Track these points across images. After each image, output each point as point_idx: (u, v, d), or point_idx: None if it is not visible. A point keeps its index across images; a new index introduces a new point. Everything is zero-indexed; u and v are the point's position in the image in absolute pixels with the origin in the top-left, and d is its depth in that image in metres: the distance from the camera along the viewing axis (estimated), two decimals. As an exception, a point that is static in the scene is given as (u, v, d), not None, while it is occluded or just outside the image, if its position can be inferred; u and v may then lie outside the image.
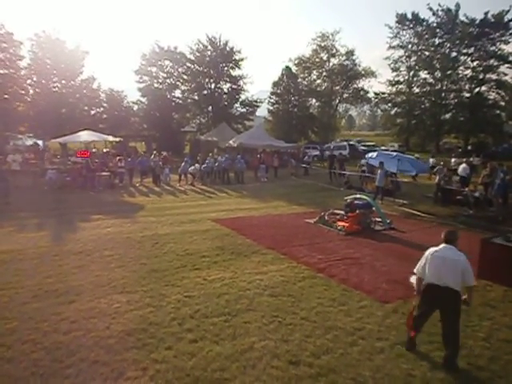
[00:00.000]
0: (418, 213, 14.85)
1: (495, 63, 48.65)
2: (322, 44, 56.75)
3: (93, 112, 39.61)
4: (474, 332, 5.56)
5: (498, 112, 49.97)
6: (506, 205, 15.36)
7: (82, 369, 4.77)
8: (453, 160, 25.33)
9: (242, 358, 5.05)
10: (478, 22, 48.10)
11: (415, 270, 5.27)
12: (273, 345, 5.38)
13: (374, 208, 12.59)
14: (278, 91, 52.65)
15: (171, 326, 5.86)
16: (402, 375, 4.78)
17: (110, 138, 25.82)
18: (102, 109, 40.63)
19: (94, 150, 25.65)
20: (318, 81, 58.79)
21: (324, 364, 4.97)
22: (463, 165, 18.63)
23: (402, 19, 52.98)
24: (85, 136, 22.59)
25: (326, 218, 12.63)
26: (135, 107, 44.33)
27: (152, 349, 5.23)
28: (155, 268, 8.28)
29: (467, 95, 51.11)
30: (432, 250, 5.17)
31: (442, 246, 5.13)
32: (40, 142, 32.65)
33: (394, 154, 21.03)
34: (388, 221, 12.53)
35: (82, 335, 5.54)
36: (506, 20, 46.98)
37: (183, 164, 22.26)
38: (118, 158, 22.33)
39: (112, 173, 20.86)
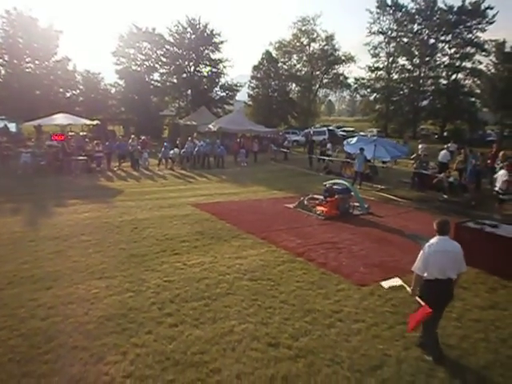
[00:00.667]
0: (395, 198, 15.12)
1: (471, 51, 49.43)
2: (303, 28, 56.46)
3: (68, 94, 38.55)
4: (447, 312, 5.74)
5: (473, 99, 50.87)
6: (478, 190, 15.81)
7: (60, 354, 4.75)
8: (420, 146, 25.34)
9: (221, 341, 5.11)
10: (455, 9, 48.70)
11: (414, 269, 4.92)
12: (252, 328, 5.45)
13: (352, 193, 12.75)
14: (258, 75, 52.33)
15: (151, 310, 5.86)
16: (378, 355, 4.93)
17: (87, 122, 25.22)
18: (78, 91, 39.59)
19: (71, 134, 25.03)
20: (298, 65, 58.70)
21: (302, 346, 5.07)
22: (443, 151, 18.87)
23: (382, 4, 53.01)
24: (60, 119, 22.01)
25: (306, 202, 12.74)
26: (113, 90, 43.35)
27: (132, 333, 5.23)
28: (134, 253, 8.23)
29: (444, 82, 51.98)
30: (431, 245, 4.87)
31: (438, 238, 4.91)
32: (13, 125, 31.66)
33: (373, 138, 21.16)
34: (366, 206, 12.73)
35: (60, 321, 5.49)
36: (482, 8, 47.64)
37: (163, 149, 21.94)
38: (95, 141, 21.87)
39: (89, 157, 20.44)
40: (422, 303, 4.76)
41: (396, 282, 5.59)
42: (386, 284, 5.82)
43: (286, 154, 27.29)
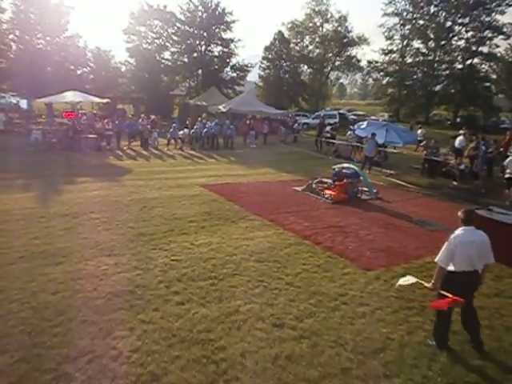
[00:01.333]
0: (405, 183, 15.02)
1: (489, 34, 48.07)
2: (316, 8, 55.32)
3: (79, 72, 38.31)
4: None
5: (488, 85, 49.73)
6: (490, 178, 15.64)
7: (70, 328, 4.87)
8: (419, 132, 24.86)
9: (227, 320, 5.19)
10: (475, -10, 47.10)
11: (438, 261, 4.70)
12: (258, 308, 5.53)
13: (361, 177, 12.69)
14: (270, 56, 51.60)
15: (158, 288, 5.96)
16: (382, 338, 4.99)
17: (97, 100, 25.17)
18: (88, 69, 39.33)
19: (83, 111, 25.06)
20: (311, 47, 57.75)
21: (307, 327, 5.14)
22: (460, 137, 18.50)
23: (398, -15, 51.53)
24: (71, 96, 21.94)
25: (314, 186, 12.72)
26: (123, 68, 43.04)
27: (139, 310, 5.34)
28: (143, 232, 8.32)
29: (459, 67, 50.66)
30: (456, 236, 4.64)
31: (464, 228, 4.69)
32: (24, 102, 31.71)
33: (384, 123, 20.89)
34: (374, 190, 12.68)
35: (70, 296, 5.61)
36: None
37: (172, 129, 21.83)
38: (105, 120, 21.90)
39: (99, 135, 20.50)
40: (449, 295, 4.51)
41: (410, 280, 5.19)
42: (401, 282, 5.32)
43: (296, 137, 27.12)
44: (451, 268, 4.63)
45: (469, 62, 49.77)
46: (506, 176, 13.01)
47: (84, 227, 8.47)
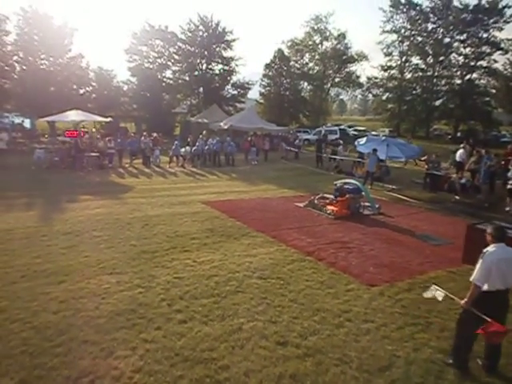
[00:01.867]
0: (407, 198, 15.00)
1: (488, 50, 48.67)
2: (316, 26, 56.21)
3: (82, 91, 38.78)
4: (456, 314, 5.67)
5: (487, 99, 50.13)
6: (492, 191, 15.62)
7: (71, 348, 4.81)
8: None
9: (230, 339, 5.13)
10: (471, 7, 47.86)
11: (474, 280, 4.47)
12: (261, 326, 5.47)
13: (363, 193, 12.68)
14: (270, 74, 52.20)
15: (161, 306, 5.91)
16: (387, 356, 4.91)
17: (100, 118, 25.41)
18: (91, 88, 39.82)
19: (85, 130, 25.29)
20: (311, 64, 58.47)
21: (311, 345, 5.07)
22: (460, 150, 18.57)
23: (395, 3, 52.39)
24: (73, 115, 22.17)
25: (316, 201, 12.70)
26: (125, 87, 43.58)
27: (141, 329, 5.28)
28: (145, 249, 8.29)
29: (458, 82, 51.20)
30: (492, 253, 4.45)
31: (497, 246, 4.50)
32: (27, 121, 32.04)
33: (383, 138, 20.94)
34: (377, 206, 12.65)
35: (72, 315, 5.56)
36: (500, 6, 46.82)
37: (174, 146, 21.92)
38: (107, 138, 22.07)
39: (101, 153, 20.64)
40: (488, 319, 4.29)
41: (438, 293, 4.97)
42: (434, 296, 5.09)
43: (297, 153, 27.24)
44: (485, 287, 4.44)
45: (468, 77, 50.30)
46: (509, 187, 13.29)
47: (86, 245, 8.45)
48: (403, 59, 54.46)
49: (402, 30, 53.64)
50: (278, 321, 5.62)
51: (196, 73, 46.15)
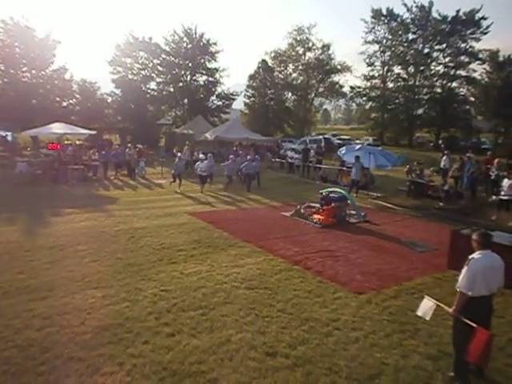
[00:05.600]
0: (392, 205, 15.16)
1: (466, 60, 49.98)
2: (298, 38, 56.84)
3: (65, 103, 38.39)
4: (444, 320, 5.74)
5: (467, 107, 51.28)
6: (474, 197, 15.90)
7: (56, 366, 4.70)
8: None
9: (219, 351, 5.08)
10: (450, 18, 49.12)
11: (459, 288, 4.51)
12: (250, 337, 5.43)
13: (348, 201, 12.78)
14: (254, 84, 52.47)
15: (148, 320, 5.83)
16: (376, 364, 4.92)
17: (84, 131, 25.16)
18: (74, 100, 39.47)
19: (69, 142, 25.01)
20: (294, 74, 58.94)
21: (300, 355, 5.05)
22: (445, 157, 19.19)
23: (377, 14, 53.51)
24: (57, 128, 21.92)
25: (302, 211, 12.75)
26: (109, 99, 43.30)
27: (128, 343, 5.20)
28: (131, 262, 8.19)
29: (439, 91, 52.35)
30: (477, 261, 4.48)
31: (483, 253, 4.54)
32: (9, 134, 31.51)
33: (357, 146, 21.20)
34: (362, 213, 12.75)
35: (56, 331, 5.44)
36: (476, 18, 48.14)
37: (177, 160, 18.46)
38: (91, 150, 21.87)
39: (85, 166, 20.42)
40: (474, 325, 4.34)
41: (430, 305, 4.93)
42: (424, 314, 5.00)
43: (283, 163, 27.34)
44: (469, 293, 4.47)
45: (448, 85, 51.46)
46: (501, 197, 13.40)
47: (70, 260, 8.31)
48: (385, 69, 55.51)
49: (384, 41, 54.80)
50: (266, 331, 5.59)
51: (180, 84, 46.14)
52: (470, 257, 4.56)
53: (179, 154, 19.62)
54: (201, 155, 18.87)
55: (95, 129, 29.90)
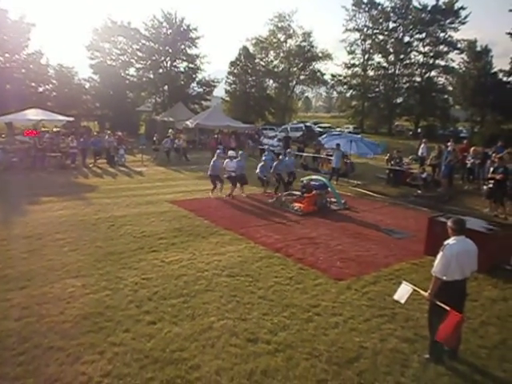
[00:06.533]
0: (371, 193, 15.38)
1: (445, 49, 50.61)
2: (279, 24, 56.46)
3: (41, 89, 37.35)
4: (420, 305, 5.90)
5: (445, 97, 52.05)
6: (451, 185, 16.25)
7: (35, 355, 4.66)
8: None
9: (200, 338, 5.12)
10: (429, 8, 49.52)
11: (434, 273, 4.65)
12: (231, 324, 5.48)
13: (329, 189, 12.90)
14: (235, 71, 52.01)
15: (129, 308, 5.81)
16: (355, 347, 5.04)
17: (61, 117, 24.56)
18: (50, 86, 38.40)
19: (44, 129, 24.39)
20: (276, 62, 58.66)
21: (281, 340, 5.13)
22: (422, 145, 19.79)
23: (358, 2, 53.47)
24: (32, 114, 21.35)
25: (283, 198, 12.83)
26: (87, 85, 42.30)
27: (109, 332, 5.18)
28: (111, 251, 8.12)
29: (418, 79, 52.95)
30: (452, 246, 4.61)
31: (457, 238, 4.67)
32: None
33: (337, 133, 21.47)
34: (343, 201, 12.90)
35: (35, 321, 5.38)
36: (455, 8, 48.67)
37: (215, 158, 14.50)
38: (69, 137, 21.40)
39: (63, 153, 20.00)
40: (447, 308, 4.49)
41: (407, 289, 5.07)
42: (399, 298, 5.14)
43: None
44: (443, 278, 4.63)
45: (427, 75, 52.09)
46: (490, 186, 12.50)
47: (49, 249, 8.19)
48: (366, 57, 55.75)
49: (365, 29, 54.89)
50: (248, 318, 5.65)
51: (160, 70, 45.34)
52: (445, 242, 4.71)
53: (218, 151, 16.53)
54: (230, 152, 15.38)
55: (73, 115, 29.16)
